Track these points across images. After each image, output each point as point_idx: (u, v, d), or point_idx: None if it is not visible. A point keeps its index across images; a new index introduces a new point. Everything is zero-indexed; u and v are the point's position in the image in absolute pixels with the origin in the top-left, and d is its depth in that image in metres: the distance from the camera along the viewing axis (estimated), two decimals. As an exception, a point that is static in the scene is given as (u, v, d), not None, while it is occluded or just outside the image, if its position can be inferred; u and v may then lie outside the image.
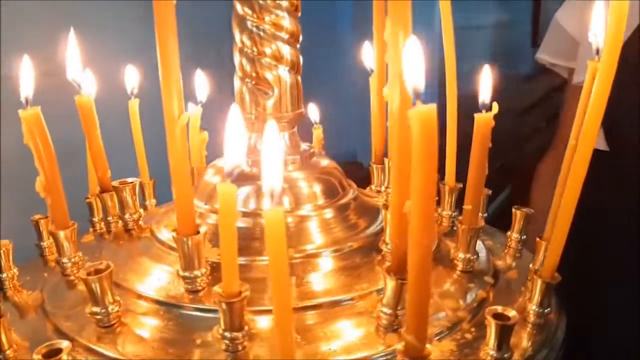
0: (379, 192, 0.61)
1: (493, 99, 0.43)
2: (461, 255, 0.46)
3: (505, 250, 0.54)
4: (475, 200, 0.45)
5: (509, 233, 0.54)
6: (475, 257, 0.46)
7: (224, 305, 0.34)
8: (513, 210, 0.54)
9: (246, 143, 0.47)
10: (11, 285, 0.46)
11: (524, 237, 0.54)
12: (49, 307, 0.42)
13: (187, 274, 0.39)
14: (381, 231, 0.47)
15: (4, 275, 0.46)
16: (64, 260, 0.45)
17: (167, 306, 0.40)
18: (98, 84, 0.57)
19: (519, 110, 2.25)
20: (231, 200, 0.33)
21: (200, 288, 0.40)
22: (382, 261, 0.44)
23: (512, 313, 0.36)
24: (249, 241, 0.43)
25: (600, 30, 0.41)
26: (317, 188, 0.48)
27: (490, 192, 0.55)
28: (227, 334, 0.34)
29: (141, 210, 0.52)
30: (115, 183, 0.51)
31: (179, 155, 0.37)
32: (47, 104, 0.45)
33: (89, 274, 0.37)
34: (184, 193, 0.38)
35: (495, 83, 0.43)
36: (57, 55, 0.52)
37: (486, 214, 0.59)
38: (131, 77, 0.62)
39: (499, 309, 0.36)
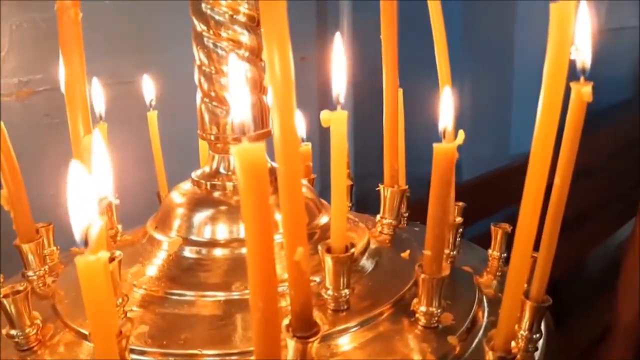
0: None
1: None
2: (422, 308, 0.39)
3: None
4: (437, 245, 0.38)
5: (489, 251, 0.52)
6: (439, 310, 0.39)
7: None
8: (492, 228, 0.52)
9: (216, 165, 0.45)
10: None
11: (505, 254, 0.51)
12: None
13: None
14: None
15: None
16: (29, 273, 0.46)
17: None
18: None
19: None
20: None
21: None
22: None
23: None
24: (199, 274, 0.41)
25: (584, 43, 0.32)
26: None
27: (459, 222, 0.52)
28: None
29: (119, 227, 0.52)
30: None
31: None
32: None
33: (5, 296, 0.37)
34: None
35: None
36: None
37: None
38: (149, 87, 0.64)
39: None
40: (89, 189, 0.25)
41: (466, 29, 1.58)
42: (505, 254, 0.52)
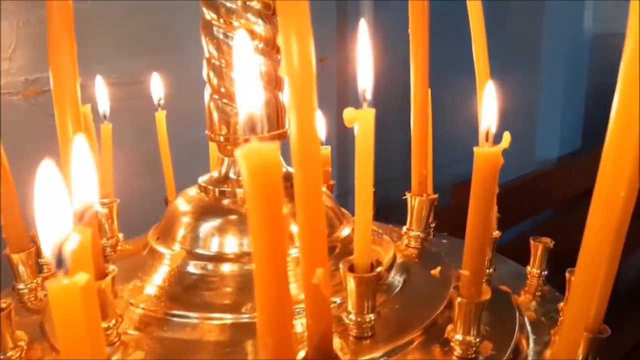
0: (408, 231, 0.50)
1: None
2: (458, 337, 0.34)
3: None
4: (477, 264, 0.33)
5: (527, 268, 0.47)
6: (477, 340, 0.34)
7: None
8: (532, 242, 0.46)
9: (222, 170, 0.41)
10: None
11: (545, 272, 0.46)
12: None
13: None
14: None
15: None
16: (20, 286, 0.42)
17: None
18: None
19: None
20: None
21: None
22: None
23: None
24: (204, 293, 0.36)
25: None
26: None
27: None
28: None
29: (120, 235, 0.47)
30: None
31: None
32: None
33: (-15, 313, 0.33)
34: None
35: None
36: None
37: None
38: (157, 86, 0.60)
39: None
40: (63, 196, 0.21)
41: (491, 30, 1.53)
42: (546, 272, 0.47)
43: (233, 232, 0.38)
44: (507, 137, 0.31)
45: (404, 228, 0.47)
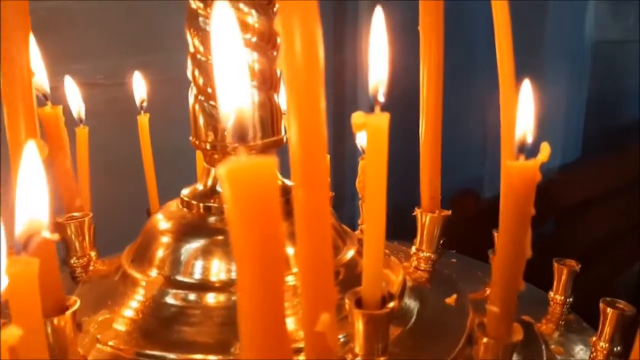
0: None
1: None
2: (484, 382, 0.29)
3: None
4: (508, 299, 0.28)
5: (550, 293, 0.42)
6: (507, 388, 0.29)
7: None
8: (555, 265, 0.41)
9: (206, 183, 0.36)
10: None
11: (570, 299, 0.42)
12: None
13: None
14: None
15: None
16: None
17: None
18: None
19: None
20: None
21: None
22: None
23: None
24: (184, 329, 0.31)
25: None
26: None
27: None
28: None
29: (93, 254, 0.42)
30: (60, 218, 0.41)
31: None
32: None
33: None
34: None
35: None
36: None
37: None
38: (139, 86, 0.55)
39: None
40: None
41: (490, 39, 1.48)
42: (571, 299, 0.42)
43: (219, 255, 0.32)
44: (545, 148, 0.27)
45: (413, 248, 0.42)
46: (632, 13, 1.78)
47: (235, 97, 0.14)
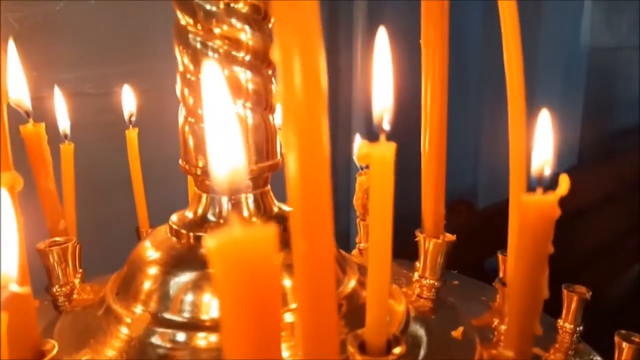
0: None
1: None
2: None
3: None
4: (523, 344, 0.26)
5: (559, 321, 0.39)
6: None
7: None
8: (565, 292, 0.39)
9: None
10: None
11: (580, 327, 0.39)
12: None
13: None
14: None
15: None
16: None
17: None
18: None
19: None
20: None
21: None
22: None
23: None
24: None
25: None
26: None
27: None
28: None
29: (76, 281, 0.39)
30: (42, 244, 0.39)
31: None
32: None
33: None
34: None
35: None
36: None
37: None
38: (129, 100, 0.52)
39: None
40: None
41: (485, 46, 1.47)
42: (581, 327, 0.40)
43: (210, 290, 0.30)
44: (564, 180, 0.25)
45: (416, 275, 0.40)
46: (626, 20, 1.78)
47: (227, 158, 0.12)
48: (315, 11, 0.16)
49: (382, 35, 0.23)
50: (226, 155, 0.12)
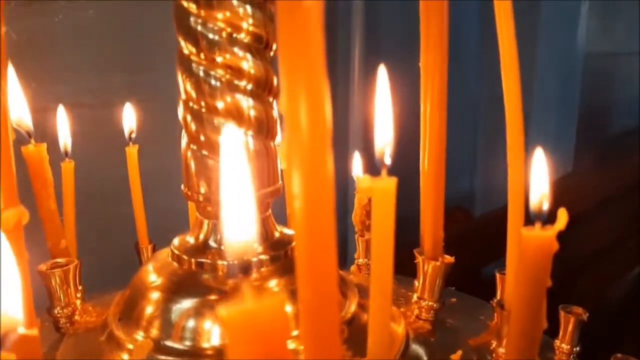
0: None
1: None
2: None
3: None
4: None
5: (556, 342, 0.39)
6: None
7: None
8: (562, 313, 0.39)
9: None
10: None
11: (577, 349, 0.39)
12: None
13: None
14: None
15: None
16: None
17: None
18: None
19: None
20: None
21: None
22: None
23: None
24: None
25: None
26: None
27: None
28: None
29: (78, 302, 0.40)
30: (43, 266, 0.39)
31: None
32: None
33: None
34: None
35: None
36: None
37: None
38: (129, 117, 0.52)
39: None
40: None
41: (481, 52, 1.47)
42: (578, 348, 0.40)
43: (212, 317, 0.30)
44: (562, 214, 0.25)
45: (415, 296, 0.40)
46: (622, 26, 1.79)
47: (241, 229, 0.13)
48: (321, 51, 0.16)
49: (382, 73, 0.23)
50: (239, 228, 0.13)
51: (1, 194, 0.23)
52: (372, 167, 0.26)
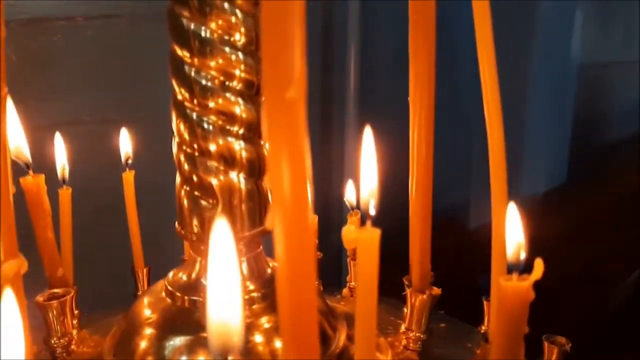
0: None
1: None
2: None
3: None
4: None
5: None
6: None
7: None
8: (546, 344, 0.38)
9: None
10: None
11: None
12: None
13: None
14: None
15: None
16: None
17: None
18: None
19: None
20: None
21: None
22: None
23: None
24: None
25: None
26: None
27: None
28: None
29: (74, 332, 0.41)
30: (40, 297, 0.40)
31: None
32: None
33: None
34: None
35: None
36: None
37: None
38: (125, 142, 0.53)
39: None
40: None
41: (475, 61, 1.48)
42: (560, 379, 0.41)
43: (204, 354, 0.31)
44: (538, 265, 0.26)
45: (402, 327, 0.41)
46: (617, 36, 1.80)
47: (224, 312, 0.14)
48: (303, 137, 0.17)
49: (368, 134, 0.24)
50: (224, 331, 0.14)
51: (2, 246, 0.24)
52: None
